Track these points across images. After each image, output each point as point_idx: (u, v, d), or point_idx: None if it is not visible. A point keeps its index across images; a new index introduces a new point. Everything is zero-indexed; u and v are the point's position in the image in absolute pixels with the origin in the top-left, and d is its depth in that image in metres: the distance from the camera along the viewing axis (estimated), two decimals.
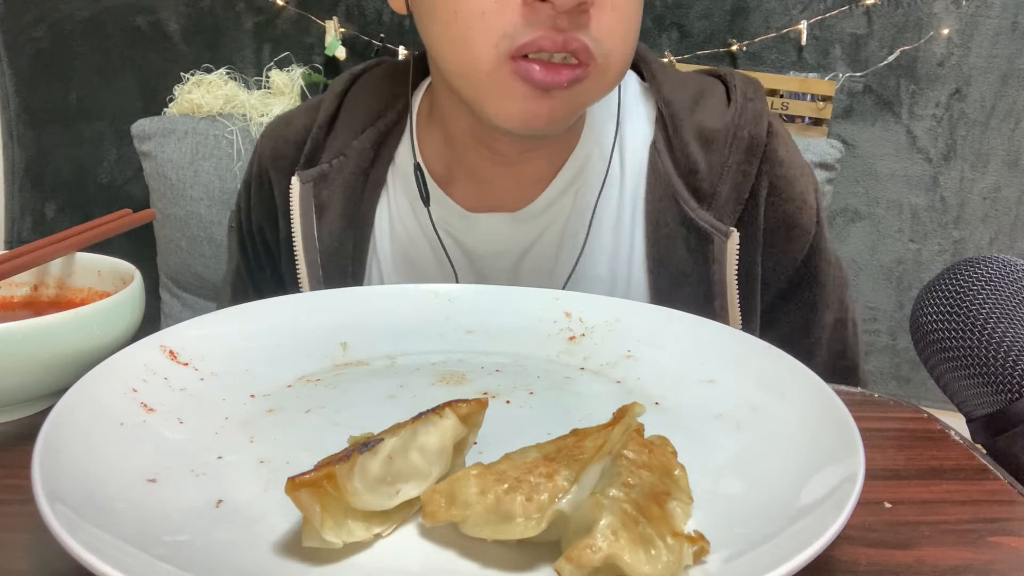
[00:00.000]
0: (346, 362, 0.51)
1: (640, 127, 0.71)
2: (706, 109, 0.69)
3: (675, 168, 0.68)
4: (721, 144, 0.67)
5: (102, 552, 0.27)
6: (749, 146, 0.67)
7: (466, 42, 0.56)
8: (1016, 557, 0.36)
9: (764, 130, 0.68)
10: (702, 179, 0.67)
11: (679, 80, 0.72)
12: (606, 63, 0.58)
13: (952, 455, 0.45)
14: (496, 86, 0.57)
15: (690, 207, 0.67)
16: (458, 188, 0.72)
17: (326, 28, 1.67)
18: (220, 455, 0.39)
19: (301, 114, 0.77)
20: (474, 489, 0.32)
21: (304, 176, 0.72)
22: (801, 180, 0.70)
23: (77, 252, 0.56)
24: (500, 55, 0.55)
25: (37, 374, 0.45)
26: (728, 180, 0.67)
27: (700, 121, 0.68)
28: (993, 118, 1.69)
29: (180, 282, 1.66)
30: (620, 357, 0.51)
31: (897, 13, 1.65)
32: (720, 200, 0.67)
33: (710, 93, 0.70)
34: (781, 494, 0.34)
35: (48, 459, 0.33)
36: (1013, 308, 0.48)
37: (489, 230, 0.71)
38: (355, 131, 0.73)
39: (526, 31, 0.54)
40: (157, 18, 1.70)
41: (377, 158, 0.73)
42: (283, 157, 0.75)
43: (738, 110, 0.68)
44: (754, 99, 0.69)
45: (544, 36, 0.54)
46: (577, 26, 0.54)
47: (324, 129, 0.74)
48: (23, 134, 1.77)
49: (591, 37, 0.55)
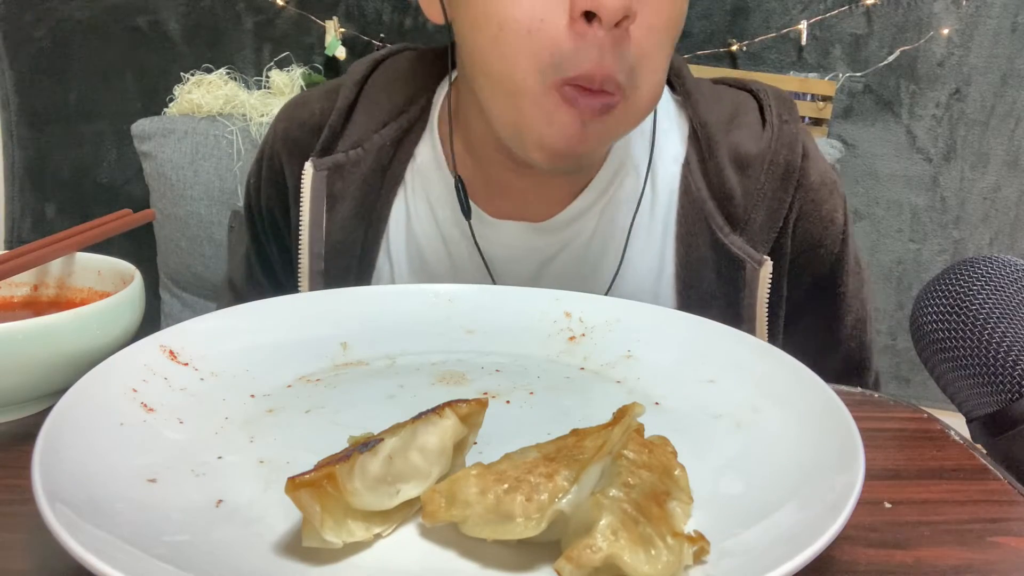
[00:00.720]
0: (346, 362, 0.51)
1: (672, 144, 0.70)
2: (741, 130, 0.68)
3: (709, 191, 0.67)
4: (757, 170, 0.66)
5: (102, 552, 0.27)
6: (785, 172, 0.66)
7: (513, 61, 0.55)
8: (1016, 557, 0.36)
9: (799, 155, 0.67)
10: (737, 205, 0.66)
11: (714, 97, 0.70)
12: (635, 92, 0.57)
13: (952, 455, 0.45)
14: (542, 111, 0.56)
15: (723, 233, 0.66)
16: (480, 192, 0.70)
17: (326, 28, 1.67)
18: (220, 455, 0.39)
19: (318, 97, 0.74)
20: (474, 489, 0.32)
21: (319, 164, 0.70)
22: (830, 201, 0.69)
23: (77, 252, 0.56)
24: (545, 82, 0.55)
25: (37, 374, 0.45)
26: (763, 207, 0.66)
27: (736, 144, 0.67)
28: (993, 118, 1.69)
29: (180, 282, 1.66)
30: (620, 357, 0.51)
31: (897, 13, 1.65)
32: (754, 227, 0.66)
33: (745, 112, 0.69)
34: (781, 494, 0.34)
35: (48, 459, 0.33)
36: (1013, 308, 0.48)
37: (511, 237, 0.70)
38: (376, 124, 0.71)
39: (571, 61, 0.54)
40: (157, 18, 1.71)
41: (396, 155, 0.71)
42: (296, 140, 0.73)
43: (774, 134, 0.67)
44: (789, 121, 0.68)
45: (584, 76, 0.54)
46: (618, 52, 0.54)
47: (342, 116, 0.71)
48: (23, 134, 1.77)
49: (626, 66, 0.55)
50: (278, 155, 0.74)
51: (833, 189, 0.69)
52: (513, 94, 0.57)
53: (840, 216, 0.69)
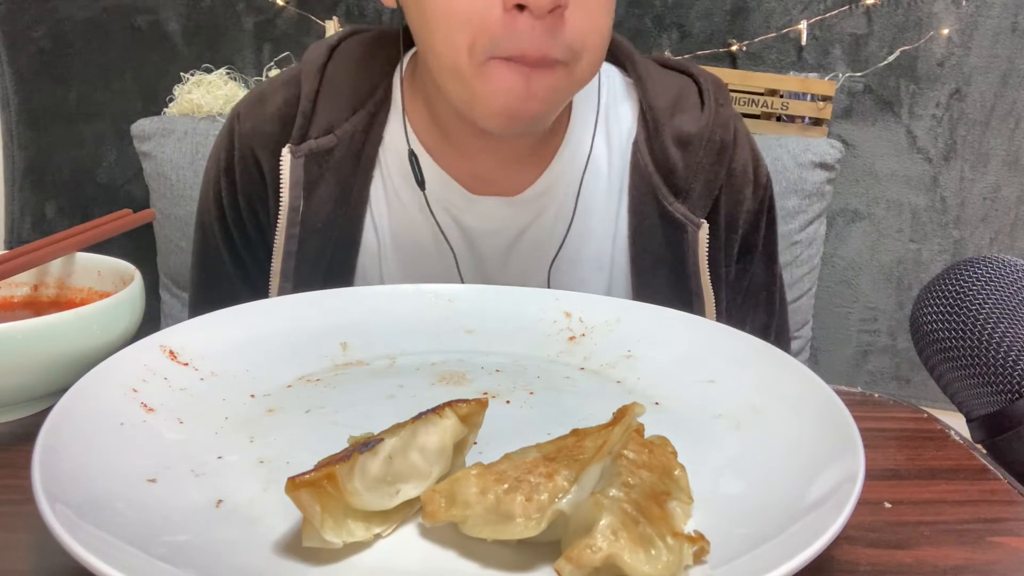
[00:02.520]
0: (346, 362, 0.51)
1: (625, 121, 0.78)
2: (684, 112, 0.76)
3: (655, 167, 0.75)
4: (696, 147, 0.75)
5: (102, 552, 0.27)
6: (720, 149, 0.76)
7: (453, 45, 0.60)
8: (1016, 557, 0.36)
9: (731, 135, 0.76)
10: (679, 177, 0.75)
11: (661, 82, 0.78)
12: (578, 62, 0.62)
13: (952, 455, 0.45)
14: (482, 79, 0.60)
15: (668, 201, 0.75)
16: (453, 165, 0.75)
17: (326, 28, 1.67)
18: (220, 455, 0.39)
19: (276, 90, 0.77)
20: (474, 489, 0.32)
21: (296, 151, 0.73)
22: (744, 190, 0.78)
23: (77, 252, 0.56)
24: (483, 59, 0.59)
25: (37, 374, 0.45)
26: (701, 178, 0.75)
27: (678, 125, 0.76)
28: (993, 118, 1.69)
29: (180, 282, 1.66)
30: (620, 357, 0.51)
31: (897, 13, 1.65)
32: (694, 196, 0.75)
33: (686, 95, 0.78)
34: (781, 494, 0.34)
35: (48, 459, 0.33)
36: (1013, 308, 0.48)
37: (488, 212, 0.75)
38: (343, 111, 0.74)
39: (509, 42, 0.58)
40: (157, 18, 1.70)
41: (368, 139, 0.75)
42: (267, 134, 0.75)
43: (711, 116, 0.76)
44: (724, 104, 0.77)
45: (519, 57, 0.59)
46: (553, 35, 0.58)
47: (311, 102, 0.74)
48: (23, 134, 1.77)
49: (563, 45, 0.59)
50: (250, 151, 0.76)
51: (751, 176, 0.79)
52: (457, 73, 0.61)
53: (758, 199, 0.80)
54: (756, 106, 1.60)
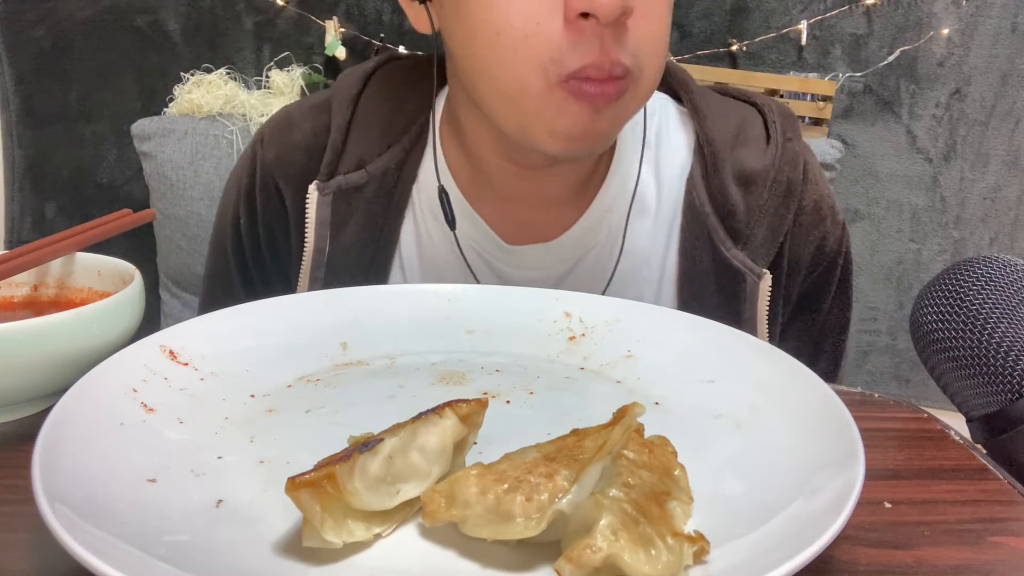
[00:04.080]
0: (346, 362, 0.51)
1: (679, 154, 0.71)
2: (747, 147, 0.68)
3: (712, 206, 0.68)
4: (760, 187, 0.67)
5: (102, 552, 0.27)
6: (787, 190, 0.68)
7: (513, 65, 0.55)
8: (1016, 557, 0.36)
9: (801, 173, 0.68)
10: (739, 220, 0.67)
11: (720, 112, 0.71)
12: (641, 75, 0.57)
13: (952, 455, 0.45)
14: (550, 108, 0.56)
15: (725, 247, 0.67)
16: (488, 209, 0.70)
17: (326, 28, 1.67)
18: (220, 455, 0.39)
19: (305, 117, 0.73)
20: (474, 489, 0.32)
21: (323, 188, 0.69)
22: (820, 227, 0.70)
23: (77, 252, 0.56)
24: (549, 81, 0.55)
25: (37, 374, 0.45)
26: (764, 222, 0.67)
27: (740, 161, 0.68)
28: (993, 118, 1.69)
29: (180, 282, 1.66)
30: (620, 357, 0.51)
31: (897, 13, 1.65)
32: (755, 241, 0.67)
33: (750, 127, 0.70)
34: (781, 494, 0.34)
35: (48, 459, 0.33)
36: (1013, 308, 0.48)
37: (527, 261, 0.70)
38: (377, 145, 0.70)
39: (573, 56, 0.54)
40: (157, 18, 1.71)
41: (400, 177, 0.70)
42: (292, 163, 0.71)
43: (778, 152, 0.68)
44: (793, 139, 0.69)
45: (591, 65, 0.54)
46: (619, 42, 0.54)
47: (343, 134, 0.70)
48: (23, 134, 1.77)
49: (629, 53, 0.55)
50: (272, 180, 0.72)
51: (825, 216, 0.70)
52: (516, 98, 0.57)
53: (831, 244, 0.71)
54: None
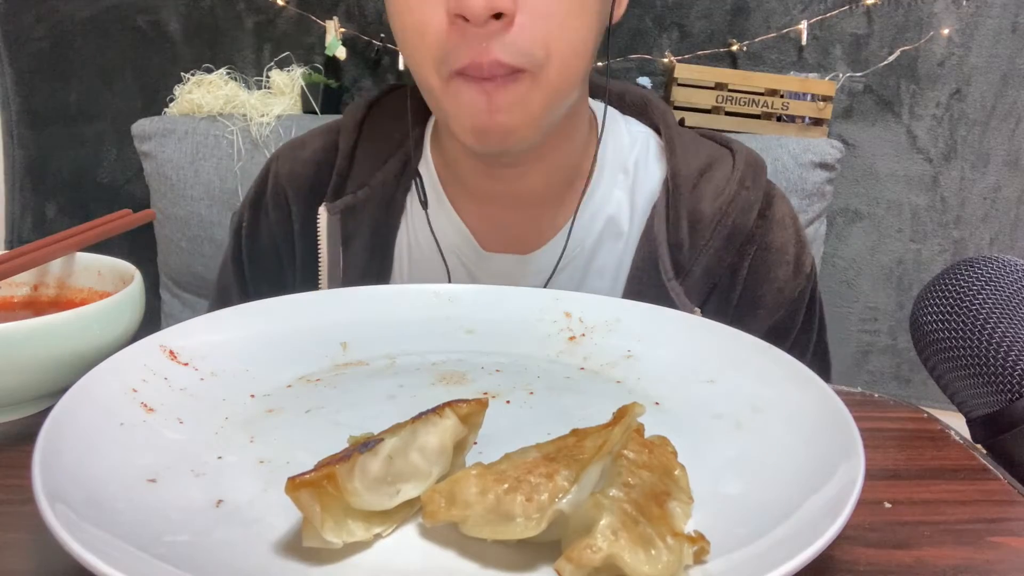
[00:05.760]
0: (346, 362, 0.51)
1: (651, 185, 0.74)
2: (708, 185, 0.71)
3: (667, 237, 0.70)
4: (705, 227, 0.70)
5: (102, 552, 0.27)
6: (731, 234, 0.70)
7: (416, 62, 0.61)
8: (1016, 557, 0.36)
9: (751, 220, 0.70)
10: (684, 255, 0.70)
11: (692, 150, 0.73)
12: (541, 72, 0.59)
13: (952, 455, 0.45)
14: (449, 100, 0.60)
15: (667, 277, 0.69)
16: (467, 210, 0.74)
17: (326, 28, 1.67)
18: (220, 455, 0.39)
19: (315, 136, 0.78)
20: (474, 489, 0.32)
21: (332, 208, 0.73)
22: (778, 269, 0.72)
23: (77, 252, 0.56)
24: (442, 77, 0.59)
25: (37, 374, 0.45)
26: (703, 261, 0.70)
27: (698, 199, 0.70)
28: (993, 118, 1.69)
29: (180, 282, 1.66)
30: (620, 357, 0.51)
31: (897, 13, 1.65)
32: (693, 278, 0.70)
33: (718, 169, 0.72)
34: (781, 494, 0.34)
35: (48, 459, 0.33)
36: (1013, 308, 0.48)
37: (500, 269, 0.73)
38: (378, 161, 0.75)
39: (456, 55, 0.57)
40: (157, 18, 1.71)
41: (398, 186, 0.75)
42: (301, 176, 0.77)
43: (729, 198, 0.70)
44: (750, 188, 0.71)
45: (471, 65, 0.57)
46: (500, 42, 0.56)
47: (348, 159, 0.75)
48: (23, 134, 1.77)
49: (517, 52, 0.57)
50: (283, 192, 0.77)
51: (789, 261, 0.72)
52: (429, 93, 0.62)
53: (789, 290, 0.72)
54: (756, 106, 1.60)
